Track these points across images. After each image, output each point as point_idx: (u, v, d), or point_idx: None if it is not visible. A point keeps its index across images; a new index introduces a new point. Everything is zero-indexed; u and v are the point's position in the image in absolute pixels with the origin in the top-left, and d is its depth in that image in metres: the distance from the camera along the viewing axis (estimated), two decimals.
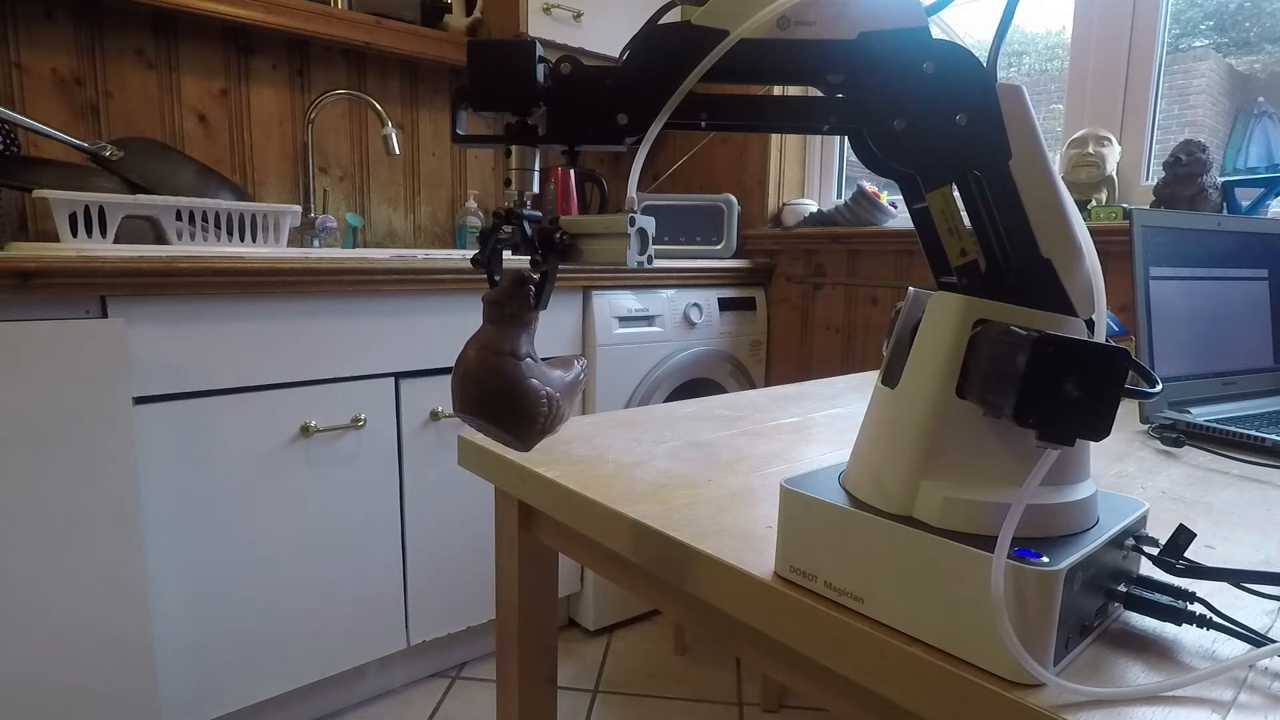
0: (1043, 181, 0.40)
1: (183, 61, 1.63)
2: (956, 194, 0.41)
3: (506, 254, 0.48)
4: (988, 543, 0.37)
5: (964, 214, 0.41)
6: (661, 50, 0.42)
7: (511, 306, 0.46)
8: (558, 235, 0.46)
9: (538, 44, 0.43)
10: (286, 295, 1.25)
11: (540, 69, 0.43)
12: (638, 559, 0.56)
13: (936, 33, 0.41)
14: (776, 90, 1.61)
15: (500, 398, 0.45)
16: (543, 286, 0.47)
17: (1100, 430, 0.35)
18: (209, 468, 1.21)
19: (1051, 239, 0.39)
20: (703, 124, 0.45)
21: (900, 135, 0.40)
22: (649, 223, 0.45)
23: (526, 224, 0.45)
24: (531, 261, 0.47)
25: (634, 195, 0.44)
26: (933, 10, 0.41)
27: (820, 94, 0.45)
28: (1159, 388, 0.41)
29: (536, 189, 0.47)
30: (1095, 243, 1.53)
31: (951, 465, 0.40)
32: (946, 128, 0.40)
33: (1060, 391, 0.34)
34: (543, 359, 0.49)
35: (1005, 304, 0.39)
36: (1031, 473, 0.36)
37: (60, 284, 1.03)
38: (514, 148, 0.46)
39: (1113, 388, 0.34)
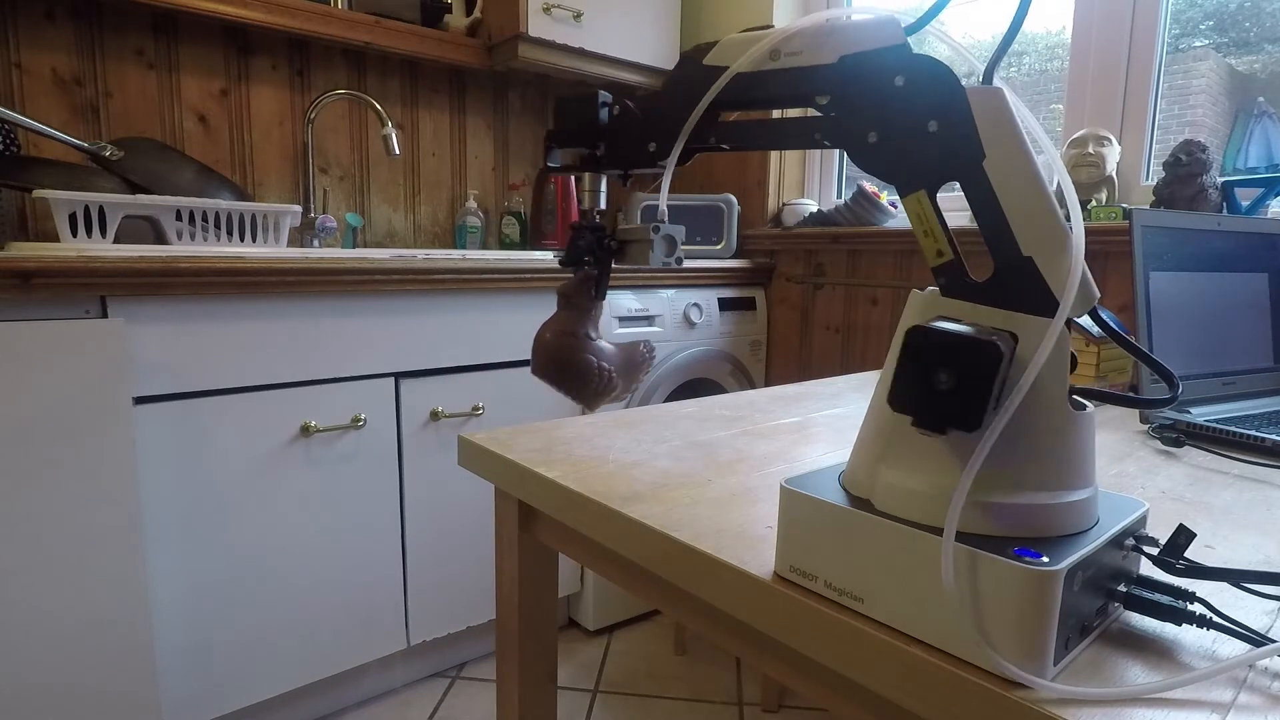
0: (1022, 179, 0.39)
1: (183, 61, 1.63)
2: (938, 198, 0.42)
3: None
4: (988, 542, 0.37)
5: (943, 216, 0.41)
6: (682, 87, 0.50)
7: (577, 298, 0.58)
8: (608, 240, 0.58)
9: (601, 94, 0.54)
10: (286, 295, 1.25)
11: (604, 112, 0.54)
12: (638, 559, 0.56)
13: (935, 40, 0.41)
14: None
15: (564, 366, 0.58)
16: (600, 281, 0.60)
17: (970, 421, 0.35)
18: (209, 468, 1.21)
19: (1033, 237, 0.39)
20: (718, 146, 0.52)
21: (873, 147, 0.43)
22: (678, 230, 0.56)
23: (593, 233, 0.59)
24: (593, 260, 0.59)
25: (663, 208, 0.55)
26: (911, 30, 0.42)
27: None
28: (1179, 390, 0.40)
29: (603, 205, 0.60)
30: (1095, 243, 1.52)
31: (947, 465, 0.40)
32: (918, 136, 0.41)
33: (933, 381, 0.35)
34: (615, 345, 0.62)
35: (968, 302, 0.39)
36: (966, 467, 0.37)
37: (60, 284, 1.03)
38: (586, 174, 0.59)
39: (983, 379, 0.34)
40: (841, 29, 0.44)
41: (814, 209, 1.96)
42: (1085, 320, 0.97)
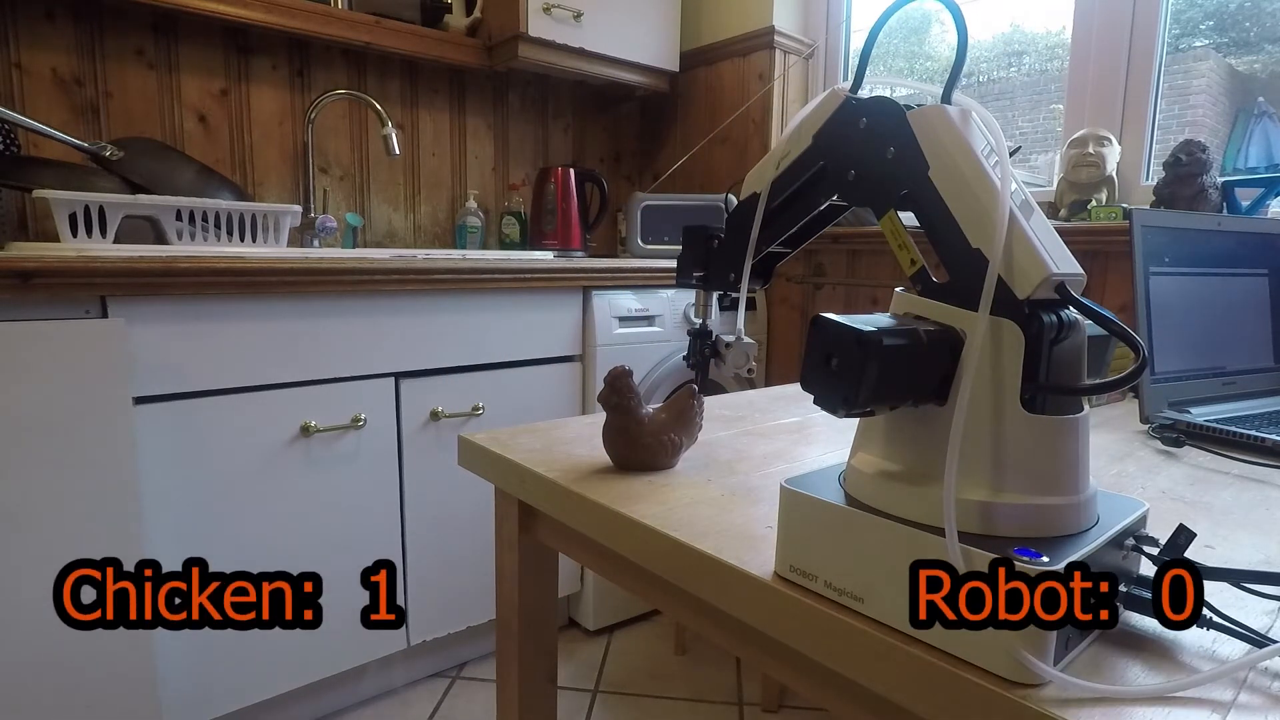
0: (964, 179, 0.42)
1: (183, 61, 1.63)
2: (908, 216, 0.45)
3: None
4: (989, 542, 0.37)
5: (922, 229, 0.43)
6: (736, 221, 0.63)
7: (612, 400, 0.67)
8: (709, 345, 0.71)
9: (710, 228, 0.67)
10: (286, 295, 1.25)
11: (711, 244, 0.67)
12: (638, 559, 0.56)
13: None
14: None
15: (637, 453, 0.68)
16: (701, 376, 0.72)
17: (850, 401, 0.38)
18: (209, 468, 1.21)
19: (978, 229, 0.41)
20: (779, 252, 0.64)
21: (853, 182, 0.51)
22: (751, 346, 0.69)
23: (703, 338, 0.71)
24: (696, 362, 0.72)
25: (740, 327, 0.69)
26: (855, 87, 0.50)
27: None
28: (1144, 359, 0.41)
29: (714, 317, 0.71)
30: (1095, 243, 1.52)
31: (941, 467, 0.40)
32: (881, 163, 0.48)
33: (826, 365, 0.39)
34: (665, 406, 0.70)
35: (926, 300, 0.42)
36: (947, 460, 0.38)
37: (60, 284, 1.03)
38: (700, 290, 0.71)
39: (859, 363, 0.37)
40: (806, 120, 0.53)
41: None
42: None
